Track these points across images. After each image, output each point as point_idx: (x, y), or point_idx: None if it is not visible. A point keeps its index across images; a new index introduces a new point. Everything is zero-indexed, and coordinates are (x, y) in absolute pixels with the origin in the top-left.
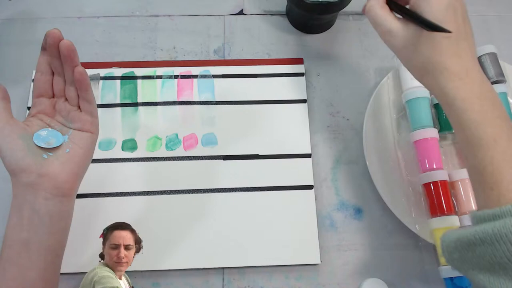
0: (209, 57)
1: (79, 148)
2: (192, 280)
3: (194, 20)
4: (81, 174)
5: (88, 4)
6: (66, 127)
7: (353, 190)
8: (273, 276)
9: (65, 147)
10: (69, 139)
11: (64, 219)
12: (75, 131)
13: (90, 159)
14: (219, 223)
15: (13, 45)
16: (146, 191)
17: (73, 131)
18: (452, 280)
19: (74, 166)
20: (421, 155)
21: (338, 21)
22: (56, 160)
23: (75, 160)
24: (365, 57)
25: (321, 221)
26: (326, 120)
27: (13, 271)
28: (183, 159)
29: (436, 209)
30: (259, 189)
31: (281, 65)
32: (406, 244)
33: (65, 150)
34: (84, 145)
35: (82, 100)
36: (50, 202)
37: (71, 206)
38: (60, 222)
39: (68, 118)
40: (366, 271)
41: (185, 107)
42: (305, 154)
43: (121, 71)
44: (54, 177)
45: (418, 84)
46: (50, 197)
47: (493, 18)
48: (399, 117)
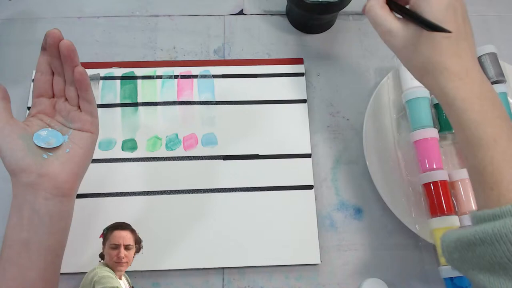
0: (209, 57)
1: (79, 148)
2: (192, 280)
3: (194, 20)
4: (81, 174)
5: (88, 4)
6: (66, 127)
7: (353, 190)
8: (273, 276)
9: (65, 147)
10: (69, 139)
11: (64, 219)
12: (75, 131)
13: (90, 159)
14: (219, 223)
15: (13, 45)
16: (146, 191)
17: (73, 131)
18: (452, 280)
19: (74, 166)
20: (421, 155)
21: (338, 21)
22: (56, 160)
23: (75, 160)
24: (365, 57)
25: (321, 221)
26: (326, 120)
27: (13, 271)
28: (183, 159)
29: (436, 209)
30: (259, 189)
31: (281, 65)
32: (406, 244)
33: (65, 150)
34: (84, 145)
35: (82, 100)
36: (50, 202)
37: (71, 206)
38: (60, 222)
39: (68, 118)
40: (366, 271)
41: (185, 107)
42: (305, 154)
43: (121, 71)
44: (54, 177)
45: (418, 84)
46: (50, 197)
47: (493, 18)
48: (399, 117)
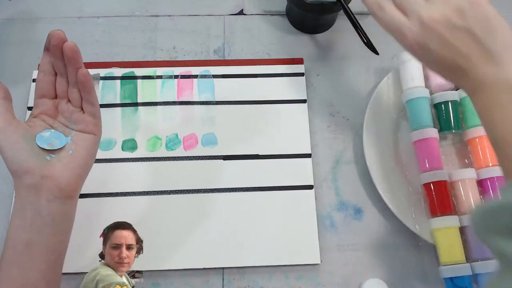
0: (209, 57)
1: (82, 149)
2: (192, 280)
3: (194, 20)
4: (84, 175)
5: (88, 4)
6: (68, 129)
7: (353, 190)
8: (273, 276)
9: (68, 148)
10: (72, 141)
11: (67, 221)
12: (77, 133)
13: (93, 160)
14: (219, 223)
15: (13, 45)
16: (146, 191)
17: (76, 133)
18: (452, 280)
19: (77, 168)
20: (421, 155)
21: (338, 21)
22: (59, 162)
23: (78, 162)
24: (365, 57)
25: (321, 221)
26: (326, 120)
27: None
28: (183, 159)
29: (436, 209)
30: (259, 189)
31: (281, 65)
32: (406, 244)
33: (68, 151)
34: (87, 146)
35: (85, 102)
36: (53, 204)
37: (73, 207)
38: (63, 223)
39: (70, 119)
40: (366, 271)
41: (185, 107)
42: (305, 154)
43: (121, 71)
44: (57, 179)
45: (418, 84)
46: (53, 199)
47: None
48: (399, 117)
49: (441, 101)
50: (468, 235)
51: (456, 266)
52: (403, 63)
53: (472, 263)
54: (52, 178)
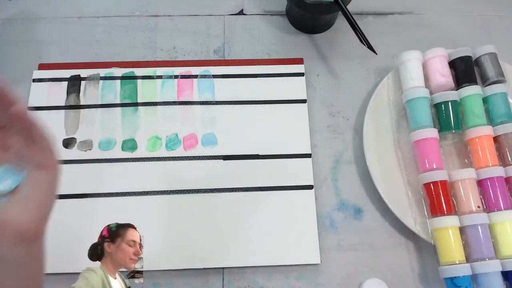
0: (209, 57)
1: (38, 188)
2: (192, 280)
3: (194, 20)
4: (45, 215)
5: (88, 4)
6: (21, 164)
7: (353, 190)
8: (273, 276)
9: (23, 189)
10: (26, 180)
11: (35, 261)
12: (31, 170)
13: (53, 199)
14: (219, 223)
15: (13, 45)
16: (146, 191)
17: (29, 170)
18: (452, 280)
19: (35, 210)
20: (421, 155)
21: (338, 21)
22: (14, 206)
23: (35, 204)
24: (365, 57)
25: (321, 221)
26: (326, 120)
27: None
28: (183, 159)
29: (436, 209)
30: (259, 189)
31: (281, 65)
32: (406, 244)
33: (23, 193)
34: (43, 184)
35: (29, 139)
36: (17, 248)
37: (41, 248)
38: (31, 265)
39: (19, 156)
40: (366, 271)
41: (185, 107)
42: (305, 154)
43: (121, 71)
44: (14, 224)
45: (418, 84)
46: (15, 243)
47: (493, 18)
48: (399, 117)
49: (441, 101)
50: (468, 235)
51: (456, 266)
52: (403, 63)
53: (472, 263)
54: (9, 223)
